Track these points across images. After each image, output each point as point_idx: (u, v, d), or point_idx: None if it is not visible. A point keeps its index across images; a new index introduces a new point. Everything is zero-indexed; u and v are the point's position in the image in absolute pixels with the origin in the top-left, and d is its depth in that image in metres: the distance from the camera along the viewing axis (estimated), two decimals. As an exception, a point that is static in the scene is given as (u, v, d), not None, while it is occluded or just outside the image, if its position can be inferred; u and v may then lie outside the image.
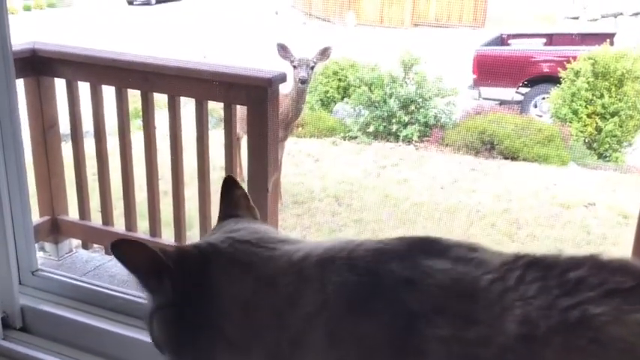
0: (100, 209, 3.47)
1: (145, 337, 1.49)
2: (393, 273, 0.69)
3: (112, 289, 1.60)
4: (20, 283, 1.62)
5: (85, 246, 3.68)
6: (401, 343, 0.66)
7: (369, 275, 0.71)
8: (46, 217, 3.41)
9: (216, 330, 0.82)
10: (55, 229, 3.49)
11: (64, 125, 3.42)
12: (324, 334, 0.71)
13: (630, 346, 0.57)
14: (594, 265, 0.65)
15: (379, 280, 0.70)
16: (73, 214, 3.53)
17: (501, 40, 7.38)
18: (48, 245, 3.53)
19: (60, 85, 3.33)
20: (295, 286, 0.75)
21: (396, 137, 6.30)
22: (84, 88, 3.29)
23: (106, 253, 3.66)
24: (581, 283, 0.63)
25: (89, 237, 3.58)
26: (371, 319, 0.69)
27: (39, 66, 3.22)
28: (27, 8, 9.75)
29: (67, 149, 3.51)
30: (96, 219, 3.53)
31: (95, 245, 3.72)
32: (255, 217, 0.99)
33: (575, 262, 0.65)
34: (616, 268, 0.64)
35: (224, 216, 0.97)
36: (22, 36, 3.19)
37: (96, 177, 3.44)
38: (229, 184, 1.01)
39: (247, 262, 0.82)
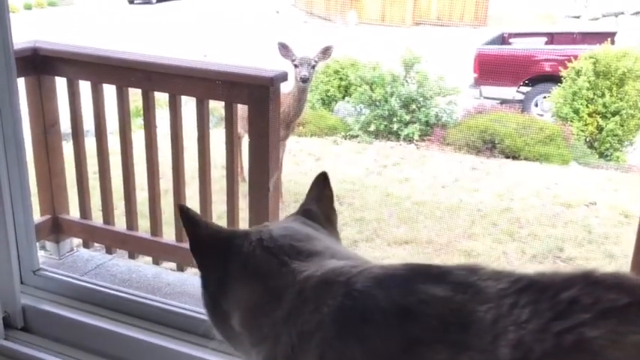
0: (100, 208, 3.47)
1: (147, 337, 1.49)
2: (391, 300, 0.69)
3: (113, 289, 1.60)
4: (22, 283, 1.61)
5: (85, 245, 3.68)
6: None
7: (365, 301, 0.71)
8: (47, 216, 3.41)
9: (230, 319, 0.88)
10: (55, 228, 3.48)
11: (65, 124, 3.41)
12: (315, 356, 0.72)
13: None
14: (587, 283, 0.63)
15: (375, 306, 0.70)
16: (74, 213, 3.53)
17: (502, 39, 7.38)
18: (49, 244, 3.53)
19: (61, 83, 3.32)
20: (295, 304, 0.77)
21: (397, 136, 6.30)
22: (85, 87, 3.29)
23: (107, 252, 3.66)
24: (575, 303, 0.61)
25: (90, 236, 3.58)
26: (361, 344, 0.69)
27: (40, 65, 3.21)
28: (28, 7, 9.74)
29: (68, 148, 3.50)
30: (97, 218, 3.53)
31: (96, 244, 3.72)
32: (332, 222, 0.99)
33: (568, 282, 0.64)
34: (610, 285, 0.63)
35: (302, 210, 0.97)
36: (23, 35, 3.18)
37: (97, 176, 3.43)
38: (321, 180, 1.00)
39: (263, 270, 0.84)
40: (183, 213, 0.90)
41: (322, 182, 1.00)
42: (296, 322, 0.76)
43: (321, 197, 0.99)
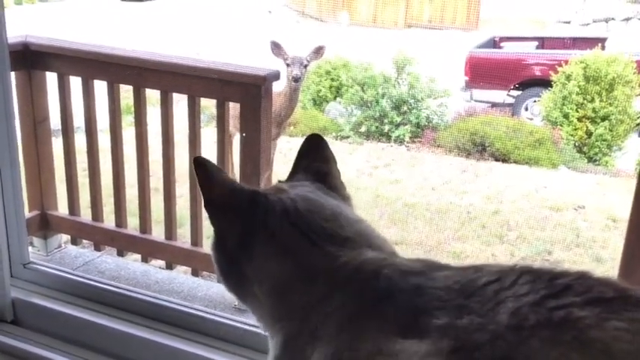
0: (90, 205, 3.45)
1: (137, 331, 1.49)
2: (408, 283, 0.77)
3: (103, 283, 1.59)
4: (12, 276, 1.60)
5: (74, 242, 3.66)
6: (403, 332, 0.72)
7: (387, 284, 0.78)
8: (36, 212, 3.39)
9: (250, 285, 0.88)
10: (44, 224, 3.46)
11: (55, 120, 3.39)
12: (335, 327, 0.78)
13: (607, 347, 0.64)
14: (582, 276, 0.71)
15: (395, 287, 0.78)
16: (62, 209, 3.51)
17: (494, 43, 7.41)
18: (37, 240, 3.51)
19: (51, 79, 3.30)
20: (330, 290, 0.81)
21: (388, 137, 6.30)
22: (75, 82, 3.27)
23: (96, 249, 3.64)
24: (568, 289, 0.69)
25: (78, 232, 3.56)
26: (377, 318, 0.76)
27: (30, 59, 3.20)
28: (18, 2, 9.67)
29: (57, 144, 3.48)
30: (86, 215, 3.51)
31: (84, 241, 3.70)
32: (343, 187, 0.97)
33: (565, 273, 0.72)
34: (601, 281, 0.71)
35: (313, 171, 0.95)
36: (13, 30, 3.15)
37: (86, 172, 3.42)
38: (317, 140, 0.98)
39: (293, 247, 0.85)
40: (200, 165, 0.87)
41: (320, 142, 0.98)
42: (324, 304, 0.80)
43: (327, 158, 0.97)
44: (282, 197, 0.89)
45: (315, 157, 0.98)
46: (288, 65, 4.40)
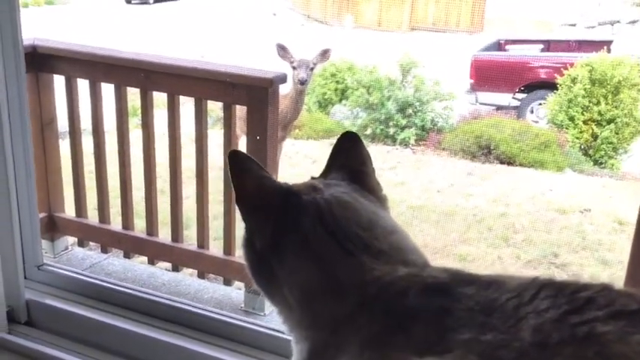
0: (96, 207, 3.46)
1: (150, 332, 1.49)
2: (434, 303, 0.77)
3: (117, 284, 1.60)
4: (25, 278, 1.60)
5: (81, 244, 3.66)
6: (428, 350, 0.72)
7: (414, 303, 0.78)
8: (43, 214, 3.40)
9: (280, 287, 0.86)
10: (51, 226, 3.47)
11: (62, 122, 3.40)
12: (360, 343, 0.78)
13: None
14: (604, 288, 0.71)
15: (421, 306, 0.77)
16: (69, 211, 3.52)
17: (499, 46, 7.40)
18: (44, 242, 3.50)
19: (59, 81, 3.31)
20: (360, 305, 0.80)
21: (394, 140, 6.30)
22: (83, 85, 3.28)
23: (102, 251, 3.64)
24: (590, 302, 0.69)
25: (85, 235, 3.56)
26: (405, 335, 0.76)
27: (38, 62, 3.20)
28: (25, 5, 9.71)
29: (64, 146, 3.49)
30: (92, 217, 3.51)
31: (91, 243, 3.70)
32: (380, 188, 0.95)
33: (587, 285, 0.72)
34: (623, 293, 0.71)
35: (350, 171, 0.92)
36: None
37: (93, 175, 3.42)
38: (353, 138, 0.94)
39: (326, 256, 0.83)
40: (233, 159, 0.85)
41: (356, 140, 0.95)
42: (356, 324, 0.79)
43: (363, 157, 0.94)
44: (316, 198, 0.86)
45: (350, 156, 0.94)
46: (294, 68, 4.40)
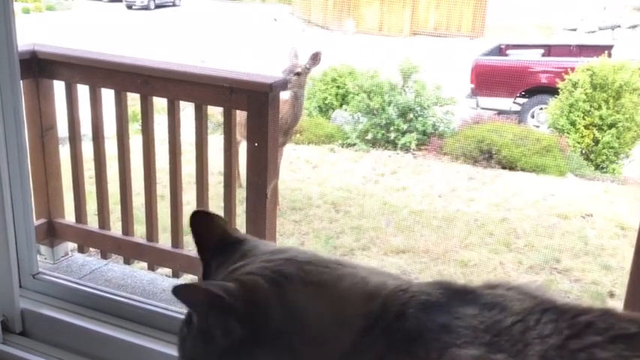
0: (96, 213, 3.45)
1: (145, 342, 1.48)
2: (434, 323, 0.77)
3: (113, 294, 1.58)
4: (21, 287, 1.59)
5: (80, 250, 3.65)
6: None
7: (414, 322, 0.78)
8: (43, 220, 3.38)
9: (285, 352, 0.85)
10: (51, 232, 3.46)
11: (62, 128, 3.39)
12: None
13: None
14: (604, 312, 0.72)
15: (422, 326, 0.77)
16: (69, 217, 3.50)
17: (500, 51, 7.41)
18: (44, 248, 3.50)
19: (59, 87, 3.30)
20: (363, 321, 0.81)
21: (395, 145, 6.29)
22: (83, 90, 3.27)
23: (102, 257, 3.63)
24: (590, 326, 0.70)
25: (85, 241, 3.55)
26: (409, 355, 0.76)
27: (38, 68, 3.20)
28: (26, 11, 9.71)
29: (64, 152, 3.48)
30: (92, 222, 3.50)
31: (91, 249, 3.69)
32: (241, 236, 0.97)
33: (587, 309, 0.73)
34: (623, 317, 0.71)
35: (224, 246, 0.94)
36: (21, 38, 3.16)
37: (93, 180, 3.41)
38: (202, 217, 0.97)
39: (318, 281, 0.85)
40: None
41: (206, 218, 0.98)
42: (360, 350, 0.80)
43: (222, 228, 0.97)
44: (250, 264, 0.89)
45: (211, 234, 0.97)
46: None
